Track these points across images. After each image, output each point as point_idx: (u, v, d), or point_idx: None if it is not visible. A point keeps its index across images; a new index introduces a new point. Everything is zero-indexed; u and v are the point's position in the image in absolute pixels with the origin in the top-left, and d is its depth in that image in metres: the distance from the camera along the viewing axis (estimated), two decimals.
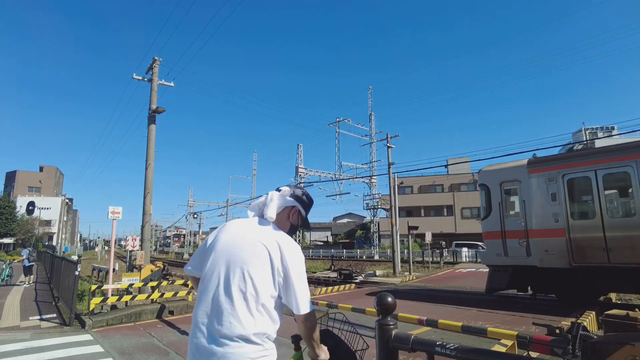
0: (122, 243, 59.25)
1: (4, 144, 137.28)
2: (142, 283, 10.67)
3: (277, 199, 1.91)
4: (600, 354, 2.13)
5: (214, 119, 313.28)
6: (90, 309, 8.84)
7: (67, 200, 75.17)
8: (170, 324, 8.72)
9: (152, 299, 10.15)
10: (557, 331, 3.38)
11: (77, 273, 8.90)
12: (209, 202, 61.99)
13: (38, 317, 9.52)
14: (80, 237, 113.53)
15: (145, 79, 13.86)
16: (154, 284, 10.71)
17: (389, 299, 2.20)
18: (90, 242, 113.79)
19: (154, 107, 13.35)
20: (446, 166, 33.08)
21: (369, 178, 38.47)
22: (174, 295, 10.90)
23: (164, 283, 11.56)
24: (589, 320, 6.72)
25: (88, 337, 7.52)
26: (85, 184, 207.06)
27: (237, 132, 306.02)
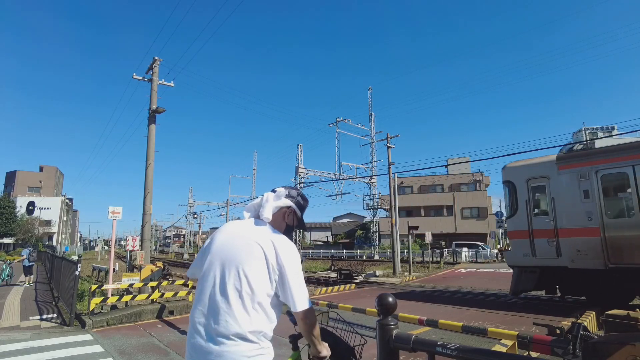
0: (122, 243, 59.33)
1: (4, 144, 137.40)
2: (142, 283, 10.66)
3: (273, 199, 1.93)
4: (601, 354, 2.13)
5: (214, 119, 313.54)
6: (91, 309, 8.84)
7: (67, 200, 75.13)
8: (170, 324, 8.72)
9: (152, 299, 10.14)
10: (558, 331, 3.38)
11: (77, 273, 8.90)
12: (209, 202, 62.02)
13: (38, 317, 9.52)
14: (80, 237, 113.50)
15: (146, 79, 13.87)
16: (154, 284, 10.70)
17: (390, 299, 2.21)
18: (90, 242, 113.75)
19: (154, 107, 13.36)
20: (446, 166, 32.94)
21: (369, 178, 38.47)
22: (174, 295, 10.89)
23: (164, 283, 11.56)
24: (589, 320, 6.71)
25: (88, 337, 7.52)
26: (85, 184, 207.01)
27: (237, 132, 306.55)
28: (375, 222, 43.42)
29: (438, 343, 1.99)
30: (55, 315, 9.82)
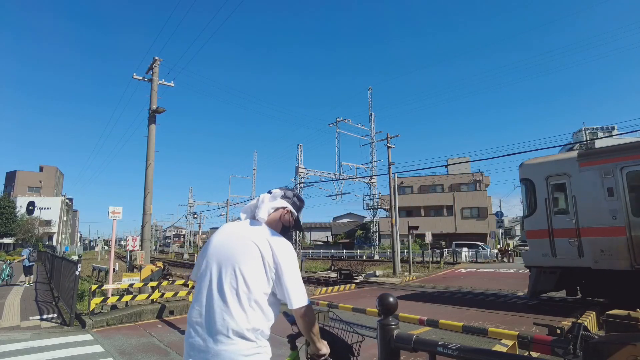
0: (122, 243, 59.32)
1: (4, 144, 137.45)
2: (143, 283, 10.67)
3: (268, 200, 1.94)
4: (602, 354, 2.12)
5: (214, 119, 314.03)
6: (91, 309, 8.84)
7: (67, 200, 75.12)
8: (170, 324, 8.72)
9: (153, 299, 10.14)
10: (558, 331, 3.37)
11: (77, 273, 8.90)
12: (209, 202, 62.06)
13: (38, 317, 9.52)
14: (80, 237, 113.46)
15: (146, 79, 13.88)
16: (154, 284, 10.70)
17: (391, 299, 2.21)
18: (90, 242, 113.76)
19: (154, 107, 13.36)
20: (446, 166, 32.93)
21: (369, 178, 38.47)
22: (174, 295, 10.89)
23: (164, 283, 11.56)
24: (589, 320, 6.72)
25: (88, 337, 7.52)
26: (85, 184, 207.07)
27: (237, 132, 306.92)
28: (375, 222, 43.42)
29: (439, 343, 1.99)
30: (55, 315, 9.82)
